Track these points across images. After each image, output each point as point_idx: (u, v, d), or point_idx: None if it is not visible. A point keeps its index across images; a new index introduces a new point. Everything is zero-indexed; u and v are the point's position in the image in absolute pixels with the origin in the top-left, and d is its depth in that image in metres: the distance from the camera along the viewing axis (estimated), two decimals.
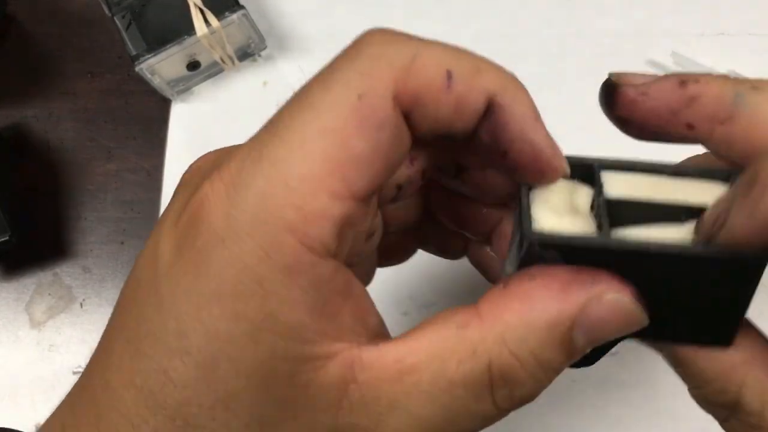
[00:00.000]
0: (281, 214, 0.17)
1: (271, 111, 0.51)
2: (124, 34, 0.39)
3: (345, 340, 0.18)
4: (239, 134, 0.43)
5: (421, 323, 0.19)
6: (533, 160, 0.19)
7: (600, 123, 0.47)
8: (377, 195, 0.20)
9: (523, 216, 0.19)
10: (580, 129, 0.43)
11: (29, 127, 0.44)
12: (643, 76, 0.20)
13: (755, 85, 0.19)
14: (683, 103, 0.19)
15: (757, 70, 0.42)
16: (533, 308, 0.18)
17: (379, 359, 0.18)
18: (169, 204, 0.20)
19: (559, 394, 0.37)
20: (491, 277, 0.26)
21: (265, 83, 0.43)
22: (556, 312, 0.18)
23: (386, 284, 0.37)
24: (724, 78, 0.19)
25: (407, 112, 0.18)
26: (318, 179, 0.17)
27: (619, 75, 0.20)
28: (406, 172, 0.21)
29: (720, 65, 0.42)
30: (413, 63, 0.18)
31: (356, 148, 0.17)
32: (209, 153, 0.21)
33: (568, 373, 0.26)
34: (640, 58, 0.42)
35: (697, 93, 0.19)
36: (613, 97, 0.20)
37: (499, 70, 0.19)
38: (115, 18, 0.40)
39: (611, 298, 0.18)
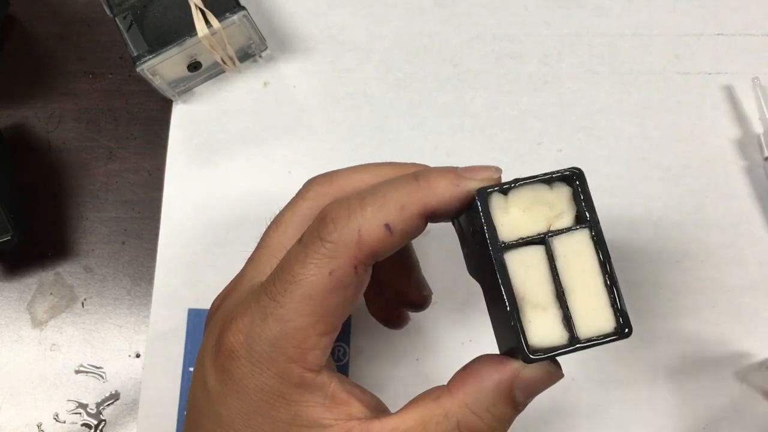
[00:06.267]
0: (286, 352, 0.25)
1: (271, 111, 0.51)
2: (125, 34, 0.40)
3: (355, 419, 0.25)
4: (240, 135, 0.43)
5: (411, 400, 0.26)
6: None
7: (599, 123, 0.47)
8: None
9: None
10: (580, 129, 0.43)
11: (30, 127, 0.44)
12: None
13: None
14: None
15: (756, 71, 0.42)
16: (482, 379, 0.25)
17: (382, 429, 0.25)
18: (204, 339, 0.28)
19: (559, 393, 0.37)
20: None
21: (265, 84, 0.43)
22: (498, 378, 0.25)
23: None
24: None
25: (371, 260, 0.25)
26: (307, 327, 0.25)
27: None
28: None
29: (719, 65, 0.43)
30: (360, 236, 0.24)
31: (331, 305, 0.25)
32: (221, 293, 0.30)
33: (568, 372, 0.26)
34: (640, 58, 0.43)
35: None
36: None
37: (415, 193, 0.25)
38: (116, 19, 0.40)
39: (537, 364, 0.25)
